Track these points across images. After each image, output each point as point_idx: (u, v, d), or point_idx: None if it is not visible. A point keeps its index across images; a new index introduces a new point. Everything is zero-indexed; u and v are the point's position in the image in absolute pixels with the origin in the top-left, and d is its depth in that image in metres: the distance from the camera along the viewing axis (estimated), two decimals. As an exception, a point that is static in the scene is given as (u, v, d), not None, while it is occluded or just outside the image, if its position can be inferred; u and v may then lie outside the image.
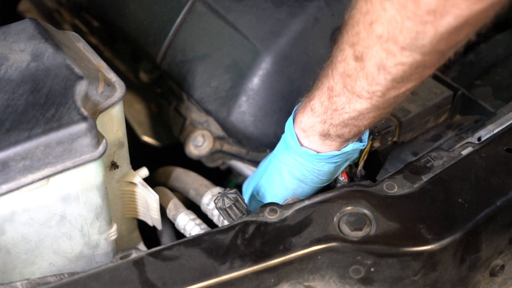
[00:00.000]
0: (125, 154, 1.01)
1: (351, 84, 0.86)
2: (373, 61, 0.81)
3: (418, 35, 0.76)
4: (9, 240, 0.91)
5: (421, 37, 0.76)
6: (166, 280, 0.83)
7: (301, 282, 0.86)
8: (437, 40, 0.76)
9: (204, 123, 1.20)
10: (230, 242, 0.87)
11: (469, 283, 0.91)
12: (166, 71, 1.22)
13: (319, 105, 0.93)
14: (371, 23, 0.78)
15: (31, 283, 0.87)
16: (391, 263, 0.85)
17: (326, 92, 0.91)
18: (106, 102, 0.93)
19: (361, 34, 0.80)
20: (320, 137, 0.95)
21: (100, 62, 0.99)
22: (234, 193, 0.93)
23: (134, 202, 1.07)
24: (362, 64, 0.83)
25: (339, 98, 0.89)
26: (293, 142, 0.98)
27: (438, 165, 0.94)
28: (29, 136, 0.85)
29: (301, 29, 1.13)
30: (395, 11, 0.75)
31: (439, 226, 0.87)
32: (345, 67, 0.86)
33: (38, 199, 0.89)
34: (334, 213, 0.88)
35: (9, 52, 0.94)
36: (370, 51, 0.81)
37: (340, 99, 0.89)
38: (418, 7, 0.73)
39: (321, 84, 0.92)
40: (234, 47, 1.15)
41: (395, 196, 0.90)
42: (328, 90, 0.90)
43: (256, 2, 1.16)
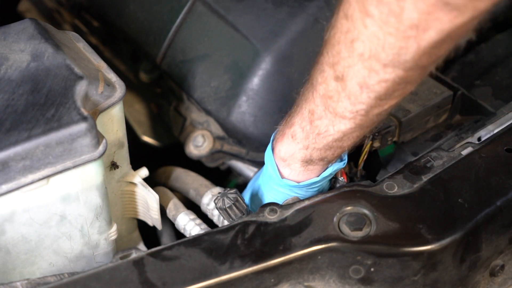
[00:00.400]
0: (125, 154, 1.01)
1: (332, 105, 0.85)
2: (355, 80, 0.80)
3: (400, 51, 0.75)
4: (9, 240, 0.91)
5: (403, 53, 0.75)
6: (166, 280, 0.83)
7: (301, 282, 0.86)
8: (419, 55, 0.75)
9: (204, 123, 1.20)
10: (230, 242, 0.87)
11: (469, 283, 0.91)
12: (166, 71, 1.22)
13: (300, 130, 0.91)
14: (352, 41, 0.77)
15: (31, 283, 0.87)
16: (391, 263, 0.85)
17: (307, 116, 0.89)
18: (106, 102, 0.93)
19: (341, 53, 0.79)
20: (302, 164, 0.94)
21: (100, 62, 0.99)
22: (234, 193, 0.93)
23: (134, 202, 1.07)
24: (343, 84, 0.82)
25: (321, 121, 0.88)
26: (274, 174, 0.96)
27: (438, 165, 0.94)
28: (29, 136, 0.85)
29: (301, 29, 1.13)
30: (377, 28, 0.74)
31: (439, 226, 0.87)
32: (326, 88, 0.84)
33: (38, 199, 0.89)
34: (334, 213, 0.88)
35: (9, 52, 0.94)
36: (351, 70, 0.80)
37: (322, 122, 0.87)
38: (400, 22, 0.73)
39: (300, 108, 0.90)
40: (234, 47, 1.15)
41: (395, 196, 0.90)
42: (309, 114, 0.88)
43: (256, 2, 1.16)
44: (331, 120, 0.86)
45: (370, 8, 0.74)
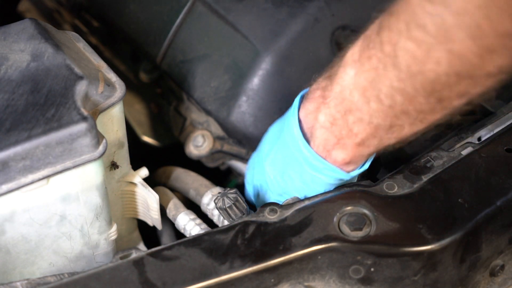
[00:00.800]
0: (125, 154, 1.01)
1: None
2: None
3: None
4: (9, 240, 0.91)
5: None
6: (166, 280, 0.83)
7: (301, 282, 0.86)
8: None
9: (204, 123, 1.20)
10: (230, 242, 0.87)
11: (469, 283, 0.91)
12: (166, 71, 1.22)
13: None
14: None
15: (31, 283, 0.87)
16: (391, 263, 0.85)
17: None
18: (106, 102, 0.93)
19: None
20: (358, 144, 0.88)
21: (100, 62, 0.99)
22: (234, 193, 0.93)
23: (134, 202, 1.07)
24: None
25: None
26: (311, 156, 0.90)
27: (438, 165, 0.94)
28: (29, 136, 0.85)
29: (301, 29, 1.13)
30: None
31: (439, 226, 0.87)
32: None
33: (38, 199, 0.89)
34: (334, 213, 0.88)
35: (9, 52, 0.94)
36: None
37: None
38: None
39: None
40: (234, 47, 1.15)
41: (395, 196, 0.90)
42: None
43: (256, 2, 1.16)
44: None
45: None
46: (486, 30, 0.70)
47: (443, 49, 0.72)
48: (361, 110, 0.83)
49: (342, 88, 0.85)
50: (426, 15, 0.72)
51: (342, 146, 0.88)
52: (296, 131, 0.91)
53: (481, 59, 0.72)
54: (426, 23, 0.72)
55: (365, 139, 0.86)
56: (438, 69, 0.74)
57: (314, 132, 0.90)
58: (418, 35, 0.73)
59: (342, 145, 0.88)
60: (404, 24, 0.74)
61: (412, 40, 0.74)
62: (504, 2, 0.68)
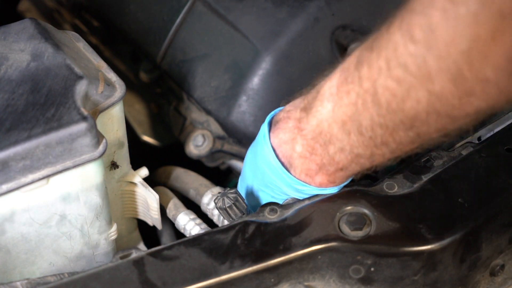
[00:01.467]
0: (125, 154, 1.01)
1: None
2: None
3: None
4: (9, 240, 0.91)
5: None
6: (166, 280, 0.83)
7: (301, 282, 0.86)
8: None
9: (204, 123, 1.20)
10: (230, 242, 0.87)
11: (469, 283, 0.91)
12: (166, 71, 1.22)
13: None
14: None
15: (31, 283, 0.87)
16: (391, 263, 0.85)
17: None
18: (106, 102, 0.93)
19: None
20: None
21: (100, 62, 0.99)
22: (234, 193, 0.93)
23: (134, 202, 1.07)
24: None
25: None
26: (280, 171, 0.91)
27: (438, 165, 0.94)
28: (29, 136, 0.85)
29: (301, 29, 1.13)
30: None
31: (439, 226, 0.87)
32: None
33: (38, 199, 0.89)
34: (334, 213, 0.88)
35: (9, 52, 0.94)
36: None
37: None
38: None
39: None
40: (234, 47, 1.15)
41: (395, 196, 0.90)
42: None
43: (256, 1, 1.16)
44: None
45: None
46: (467, 75, 0.70)
47: (424, 89, 0.72)
48: (342, 141, 0.84)
49: (319, 122, 0.85)
50: (407, 55, 0.72)
51: (324, 172, 0.89)
52: (273, 160, 0.91)
53: (460, 101, 0.72)
54: (407, 62, 0.72)
55: (347, 166, 0.87)
56: (417, 107, 0.74)
57: (293, 161, 0.90)
58: (398, 74, 0.73)
59: (325, 171, 0.89)
60: (385, 62, 0.74)
61: (393, 78, 0.74)
62: (487, 49, 0.68)
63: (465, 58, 0.69)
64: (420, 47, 0.71)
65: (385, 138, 0.80)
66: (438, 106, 0.73)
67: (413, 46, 0.71)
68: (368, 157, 0.84)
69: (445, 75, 0.70)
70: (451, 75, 0.70)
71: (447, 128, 0.77)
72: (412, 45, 0.71)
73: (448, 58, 0.70)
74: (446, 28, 0.68)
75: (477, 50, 0.68)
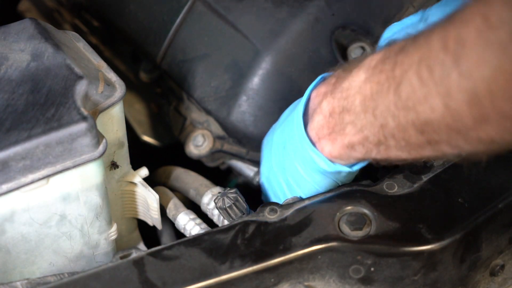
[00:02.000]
0: (125, 154, 1.01)
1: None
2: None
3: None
4: (9, 240, 0.91)
5: None
6: (166, 280, 0.83)
7: (301, 281, 0.86)
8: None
9: (204, 122, 1.20)
10: (230, 242, 0.87)
11: (469, 283, 0.91)
12: (166, 71, 1.22)
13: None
14: None
15: (31, 283, 0.87)
16: (391, 263, 0.85)
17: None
18: (106, 102, 0.93)
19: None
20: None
21: (100, 62, 0.99)
22: (234, 193, 0.93)
23: (134, 202, 1.07)
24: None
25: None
26: (315, 155, 0.92)
27: (438, 164, 0.94)
28: (29, 136, 0.85)
29: (301, 29, 1.13)
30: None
31: (439, 226, 0.87)
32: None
33: (38, 199, 0.89)
34: (334, 213, 0.88)
35: (9, 52, 0.94)
36: None
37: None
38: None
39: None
40: (234, 47, 1.15)
41: (395, 196, 0.90)
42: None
43: (256, 2, 1.16)
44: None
45: None
46: (485, 103, 0.69)
47: (440, 100, 0.72)
48: (357, 115, 0.84)
49: (349, 87, 0.86)
50: (436, 61, 0.72)
51: (332, 139, 0.89)
52: (300, 109, 0.93)
53: (474, 123, 0.72)
54: (434, 68, 0.72)
55: (354, 144, 0.87)
56: (431, 114, 0.74)
57: (315, 115, 0.91)
58: (424, 75, 0.73)
59: (332, 139, 0.89)
60: (418, 59, 0.75)
61: (418, 77, 0.74)
62: (508, 83, 0.67)
63: (485, 86, 0.68)
64: (449, 58, 0.70)
65: (395, 131, 0.80)
66: (450, 121, 0.73)
67: (443, 55, 0.71)
68: (375, 143, 0.84)
69: (463, 95, 0.70)
70: (469, 97, 0.70)
71: (459, 146, 0.76)
72: (442, 54, 0.71)
73: (469, 80, 0.69)
74: (476, 48, 0.68)
75: (499, 81, 0.67)
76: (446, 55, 0.71)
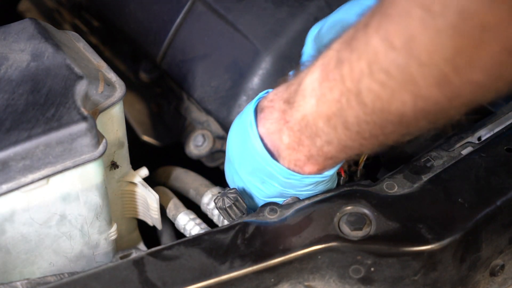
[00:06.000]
0: (125, 154, 1.01)
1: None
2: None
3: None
4: (9, 240, 0.91)
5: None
6: (166, 280, 0.83)
7: (301, 282, 0.86)
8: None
9: (204, 122, 1.20)
10: (230, 242, 0.87)
11: (469, 283, 0.91)
12: (166, 71, 1.22)
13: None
14: None
15: (31, 283, 0.87)
16: (391, 263, 0.85)
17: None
18: (106, 102, 0.93)
19: None
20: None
21: (100, 62, 0.99)
22: (234, 193, 0.93)
23: (134, 202, 1.07)
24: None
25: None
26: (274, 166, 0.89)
27: (438, 165, 0.94)
28: (29, 136, 0.85)
29: (301, 29, 1.13)
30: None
31: (439, 226, 0.87)
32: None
33: (38, 199, 0.89)
34: (334, 213, 0.88)
35: (9, 52, 0.94)
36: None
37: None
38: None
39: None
40: (234, 47, 1.15)
41: (395, 196, 0.90)
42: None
43: (256, 2, 1.16)
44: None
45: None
46: (454, 80, 0.69)
47: (408, 93, 0.72)
48: (328, 134, 0.83)
49: (303, 115, 0.84)
50: (389, 61, 0.71)
51: (313, 162, 0.88)
52: (262, 151, 0.89)
53: (448, 100, 0.72)
54: (389, 69, 0.71)
55: (336, 155, 0.86)
56: (404, 108, 0.74)
57: (281, 152, 0.88)
58: (381, 78, 0.73)
59: (314, 161, 0.87)
60: (366, 66, 0.74)
61: (376, 82, 0.73)
62: (472, 57, 0.67)
63: (450, 65, 0.68)
64: (401, 55, 0.70)
65: (374, 132, 0.79)
66: (425, 106, 0.73)
67: (394, 54, 0.70)
68: (357, 148, 0.83)
69: (430, 80, 0.70)
70: (437, 80, 0.70)
71: (437, 120, 0.77)
72: (392, 53, 0.70)
73: (432, 65, 0.69)
74: (427, 38, 0.68)
75: (462, 57, 0.68)
76: (398, 53, 0.70)
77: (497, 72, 0.68)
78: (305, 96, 0.83)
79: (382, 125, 0.78)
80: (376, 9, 0.73)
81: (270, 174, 0.90)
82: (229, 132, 0.96)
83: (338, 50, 0.78)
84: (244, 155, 0.92)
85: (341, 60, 0.77)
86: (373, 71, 0.73)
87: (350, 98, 0.77)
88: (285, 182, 0.90)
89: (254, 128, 0.89)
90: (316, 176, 0.89)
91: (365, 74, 0.74)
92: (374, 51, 0.72)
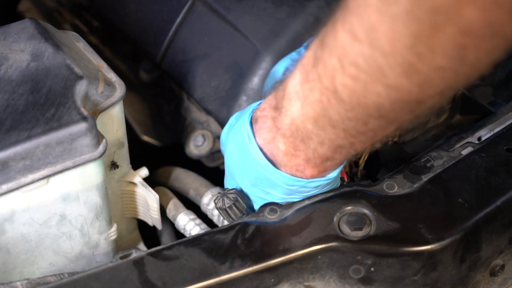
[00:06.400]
0: (125, 154, 1.01)
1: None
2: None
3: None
4: (9, 240, 0.91)
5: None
6: (166, 280, 0.83)
7: (301, 282, 0.86)
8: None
9: (204, 122, 1.20)
10: (230, 242, 0.87)
11: (469, 283, 0.91)
12: (166, 71, 1.22)
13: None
14: None
15: (31, 283, 0.87)
16: (391, 263, 0.85)
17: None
18: (106, 102, 0.93)
19: None
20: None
21: (100, 62, 0.99)
22: (234, 193, 0.93)
23: (134, 202, 1.07)
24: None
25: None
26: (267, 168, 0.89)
27: (438, 165, 0.94)
28: (29, 136, 0.85)
29: (301, 29, 1.13)
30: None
31: (439, 226, 0.87)
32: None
33: (38, 199, 0.89)
34: (334, 213, 0.88)
35: (9, 52, 0.94)
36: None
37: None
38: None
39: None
40: (234, 47, 1.15)
41: (395, 196, 0.90)
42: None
43: (256, 2, 1.16)
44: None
45: None
46: (420, 67, 0.69)
47: (380, 84, 0.72)
48: (319, 135, 0.83)
49: (292, 120, 0.84)
50: (356, 54, 0.72)
51: (312, 165, 0.88)
52: (263, 162, 0.88)
53: (420, 88, 0.72)
54: (357, 61, 0.72)
55: (332, 156, 0.86)
56: (379, 100, 0.74)
57: (280, 160, 0.88)
58: (352, 72, 0.73)
59: (313, 164, 0.88)
60: (337, 61, 0.74)
61: (348, 76, 0.74)
62: (431, 42, 0.67)
63: (413, 52, 0.68)
64: (365, 46, 0.71)
65: (359, 128, 0.79)
66: (398, 96, 0.73)
67: (359, 46, 0.71)
68: (349, 147, 0.84)
69: (397, 70, 0.70)
70: (403, 69, 0.70)
71: (416, 111, 0.77)
72: (357, 45, 0.71)
73: (395, 54, 0.69)
74: (386, 26, 0.68)
75: (422, 43, 0.68)
76: (362, 44, 0.71)
77: (460, 55, 0.68)
78: (290, 100, 0.83)
79: (364, 120, 0.78)
80: (342, 3, 0.74)
81: (273, 184, 0.90)
82: (225, 147, 0.96)
83: (315, 49, 0.79)
84: (245, 168, 0.92)
85: (317, 59, 0.78)
86: (344, 66, 0.74)
87: (329, 96, 0.78)
88: (289, 190, 0.90)
89: (253, 140, 0.89)
90: (320, 179, 0.89)
91: (337, 70, 0.75)
92: (342, 45, 0.73)
